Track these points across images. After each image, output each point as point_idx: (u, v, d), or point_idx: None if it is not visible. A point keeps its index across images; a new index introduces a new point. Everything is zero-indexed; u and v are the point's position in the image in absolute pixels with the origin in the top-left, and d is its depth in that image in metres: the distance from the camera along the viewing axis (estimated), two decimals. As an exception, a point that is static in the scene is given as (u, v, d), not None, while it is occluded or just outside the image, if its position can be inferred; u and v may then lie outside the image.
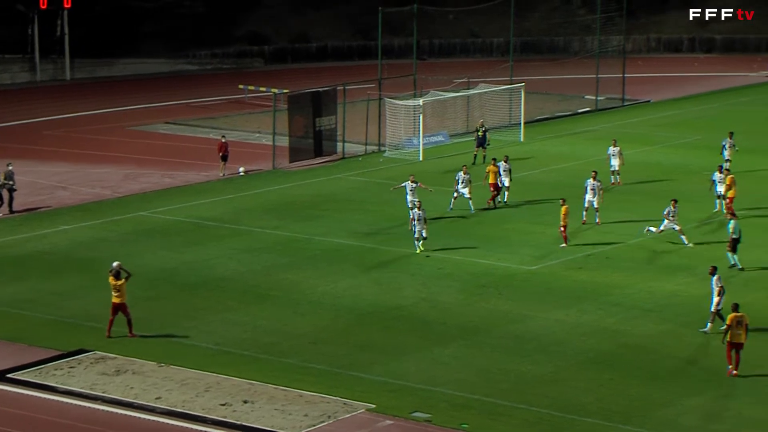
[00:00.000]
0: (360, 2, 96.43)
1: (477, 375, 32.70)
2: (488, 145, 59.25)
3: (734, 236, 41.65)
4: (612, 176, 53.89)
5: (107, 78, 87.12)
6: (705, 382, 32.28)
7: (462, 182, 48.95)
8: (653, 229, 44.58)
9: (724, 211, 48.19)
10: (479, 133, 59.24)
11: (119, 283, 34.93)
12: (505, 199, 50.49)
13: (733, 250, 41.77)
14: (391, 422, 29.90)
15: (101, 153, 62.07)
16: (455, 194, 49.25)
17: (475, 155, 58.71)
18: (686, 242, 44.41)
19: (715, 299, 35.60)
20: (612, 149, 54.03)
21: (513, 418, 30.12)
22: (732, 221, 42.13)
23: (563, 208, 43.88)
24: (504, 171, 50.48)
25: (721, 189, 48.82)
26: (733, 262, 41.70)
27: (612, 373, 32.86)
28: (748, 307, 38.01)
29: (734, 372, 32.48)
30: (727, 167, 50.93)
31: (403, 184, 47.63)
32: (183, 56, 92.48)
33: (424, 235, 43.53)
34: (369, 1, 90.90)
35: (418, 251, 43.35)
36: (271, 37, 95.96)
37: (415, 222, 43.65)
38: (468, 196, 49.03)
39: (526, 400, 31.01)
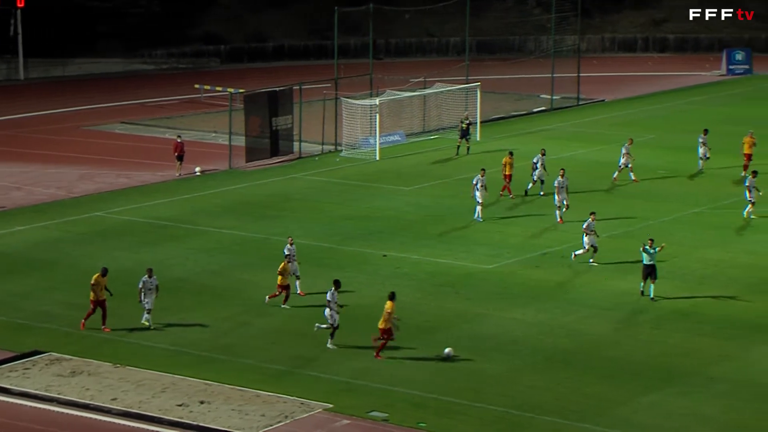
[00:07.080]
0: (316, 2, 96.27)
1: (434, 374, 32.77)
2: (470, 137, 60.99)
3: (647, 263, 38.71)
4: (618, 172, 54.61)
5: (62, 78, 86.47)
6: (660, 380, 32.49)
7: (478, 186, 47.54)
8: (579, 251, 42.17)
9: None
10: (463, 126, 60.71)
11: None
12: (541, 192, 51.22)
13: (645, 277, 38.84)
14: (349, 422, 29.92)
15: (56, 153, 61.64)
16: (476, 198, 47.74)
17: (458, 146, 60.42)
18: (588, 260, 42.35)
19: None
20: (626, 146, 54.93)
21: (470, 416, 30.21)
22: (644, 252, 38.91)
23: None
24: (542, 164, 51.46)
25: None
26: (642, 289, 39.11)
27: (568, 371, 33.02)
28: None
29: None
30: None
31: None
32: (138, 56, 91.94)
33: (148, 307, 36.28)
34: (325, 1, 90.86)
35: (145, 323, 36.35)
36: (227, 37, 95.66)
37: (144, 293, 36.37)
38: (480, 201, 47.69)
39: (483, 399, 31.11)
